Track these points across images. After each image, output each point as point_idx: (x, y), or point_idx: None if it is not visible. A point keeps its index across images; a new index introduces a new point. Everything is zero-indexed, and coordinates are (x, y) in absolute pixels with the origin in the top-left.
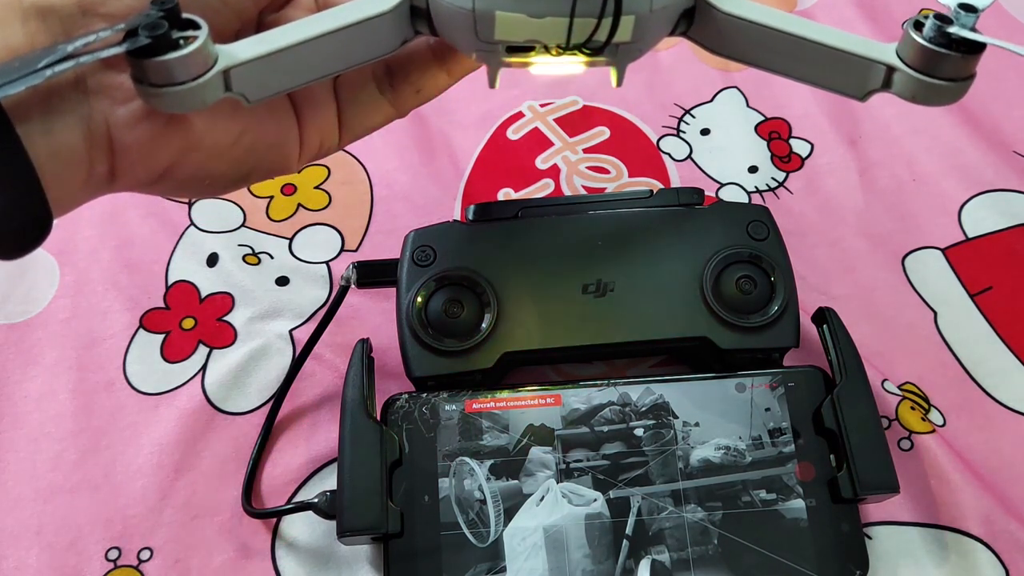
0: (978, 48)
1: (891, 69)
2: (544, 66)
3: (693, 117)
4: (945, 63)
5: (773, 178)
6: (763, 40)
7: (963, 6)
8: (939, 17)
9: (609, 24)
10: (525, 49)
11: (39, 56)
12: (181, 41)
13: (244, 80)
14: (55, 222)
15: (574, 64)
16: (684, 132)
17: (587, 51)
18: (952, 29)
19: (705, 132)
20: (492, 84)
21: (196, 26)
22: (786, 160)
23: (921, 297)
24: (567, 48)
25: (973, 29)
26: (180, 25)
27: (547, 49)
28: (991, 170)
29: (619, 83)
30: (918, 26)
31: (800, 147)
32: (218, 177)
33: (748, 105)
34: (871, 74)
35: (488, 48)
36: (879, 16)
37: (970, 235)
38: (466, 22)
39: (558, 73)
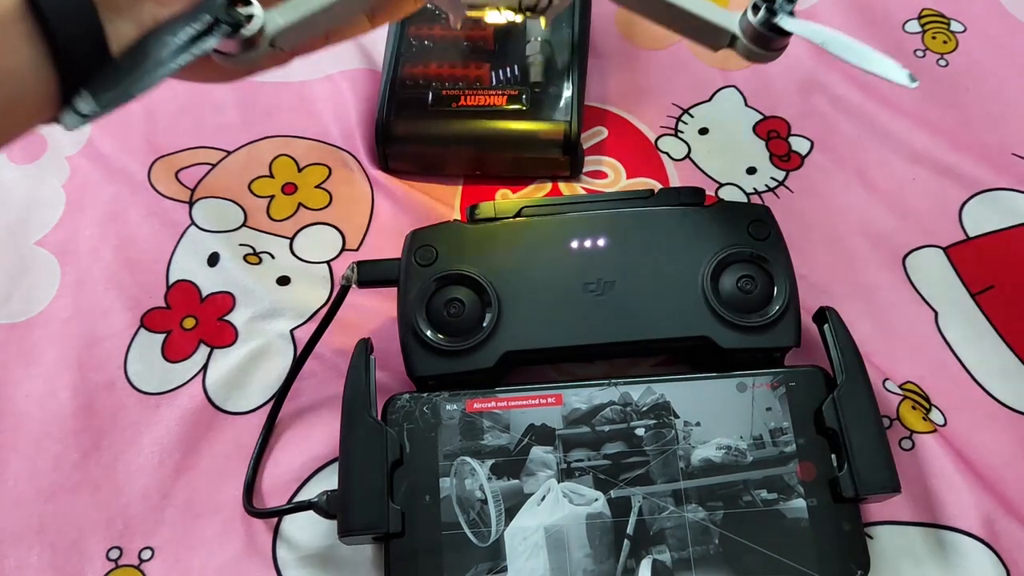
0: (788, 32)
1: (734, 36)
2: (494, 17)
3: (691, 117)
4: (766, 40)
5: (772, 177)
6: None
7: None
8: (770, 2)
9: None
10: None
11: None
12: (243, 20)
13: (281, 39)
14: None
15: (515, 15)
16: (682, 132)
17: (529, 12)
18: (777, 21)
19: (704, 132)
20: (456, 27)
21: (248, 2)
22: (785, 159)
23: (922, 296)
24: (517, 11)
25: (791, 14)
26: (236, 2)
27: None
28: (991, 170)
29: (547, 26)
30: (755, 8)
31: (800, 145)
32: None
33: (746, 104)
34: (721, 35)
35: (455, 4)
36: (878, 17)
37: (971, 234)
38: None
39: (505, 21)
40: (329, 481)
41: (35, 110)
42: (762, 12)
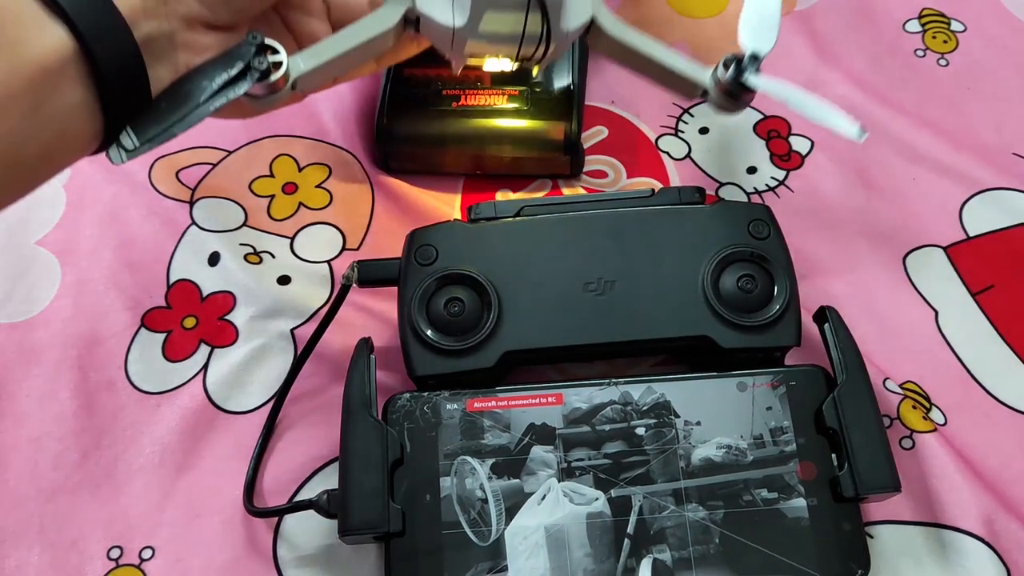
0: (754, 89)
1: (705, 89)
2: (492, 65)
3: (692, 116)
4: (734, 94)
5: (773, 177)
6: (626, 53)
7: (752, 57)
8: (739, 61)
9: (543, 49)
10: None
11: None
12: (271, 67)
13: (301, 82)
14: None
15: (510, 65)
16: (683, 131)
17: (523, 64)
18: (745, 79)
19: (704, 131)
20: (456, 72)
21: (275, 50)
22: (786, 158)
23: (922, 296)
24: (514, 60)
25: (757, 71)
26: (265, 50)
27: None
28: (992, 170)
29: (538, 74)
30: (726, 64)
31: (800, 145)
32: None
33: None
34: (695, 88)
35: (458, 55)
36: (878, 16)
37: (971, 234)
38: (446, 37)
39: (500, 69)
40: (329, 480)
41: (81, 146)
42: (731, 70)
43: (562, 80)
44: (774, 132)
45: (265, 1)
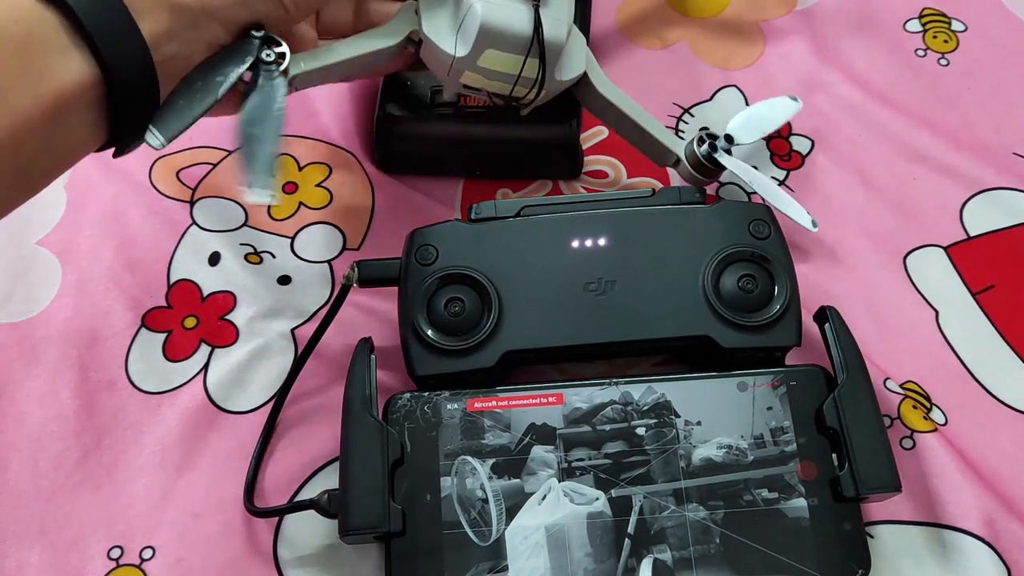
0: (723, 168)
1: (678, 159)
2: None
3: (692, 116)
4: (705, 168)
5: (774, 176)
6: (610, 111)
7: (727, 137)
8: (712, 139)
9: (535, 93)
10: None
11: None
12: (277, 59)
13: (300, 80)
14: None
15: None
16: (683, 131)
17: (513, 103)
18: (716, 155)
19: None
20: (446, 97)
21: (278, 43)
22: (786, 158)
23: (923, 296)
24: (497, 99)
25: (728, 152)
26: (270, 43)
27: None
28: (992, 170)
29: (527, 115)
30: (701, 141)
31: (800, 145)
32: None
33: (747, 103)
34: (668, 156)
35: (452, 83)
36: (879, 16)
37: (972, 233)
38: (445, 64)
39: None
40: (330, 480)
41: (85, 152)
42: (705, 146)
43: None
44: (774, 132)
45: (273, 21)
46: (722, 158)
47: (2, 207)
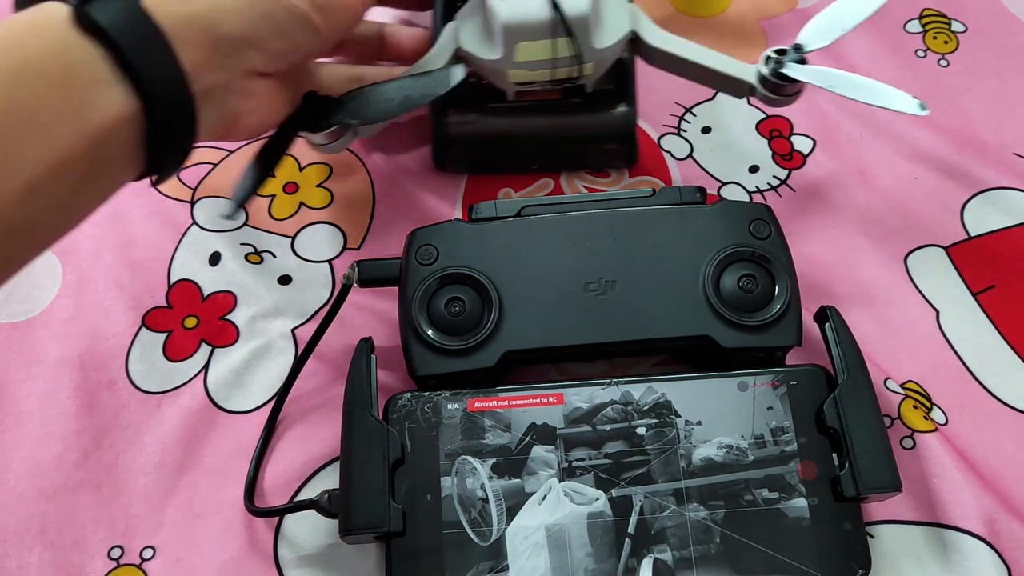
0: (798, 80)
1: (752, 86)
2: (543, 93)
3: (694, 115)
4: (778, 87)
5: (775, 176)
6: (673, 62)
7: (796, 47)
8: (780, 52)
9: (578, 69)
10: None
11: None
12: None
13: (363, 128)
14: None
15: (558, 91)
16: (685, 131)
17: (571, 84)
18: (783, 70)
19: (706, 130)
20: (510, 98)
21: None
22: (787, 158)
23: (923, 295)
24: (555, 85)
25: (803, 61)
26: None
27: (542, 84)
28: (993, 170)
29: (591, 90)
30: (767, 60)
31: (802, 144)
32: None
33: (749, 102)
34: (741, 87)
35: (506, 84)
36: (879, 16)
37: (972, 233)
38: (489, 69)
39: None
40: (330, 480)
41: (121, 183)
42: (771, 63)
43: (617, 70)
44: (776, 131)
45: (315, 55)
46: (792, 71)
47: (44, 241)
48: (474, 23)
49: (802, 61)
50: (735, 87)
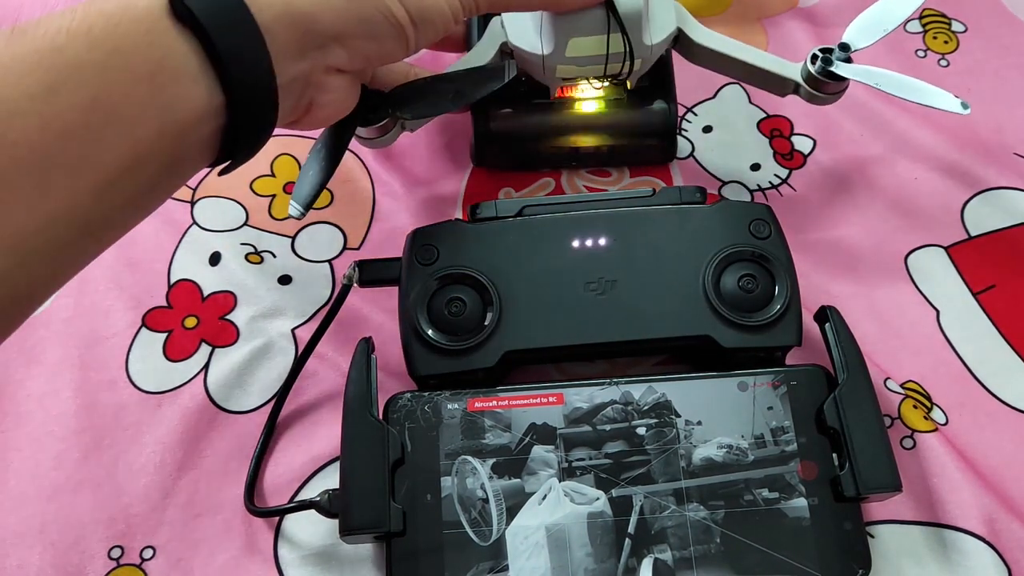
0: (844, 78)
1: (797, 84)
2: (585, 91)
3: (695, 115)
4: (824, 85)
5: (776, 175)
6: (717, 59)
7: (842, 46)
8: (825, 51)
9: (628, 65)
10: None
11: None
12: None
13: (411, 122)
14: None
15: (602, 87)
16: (686, 130)
17: (614, 81)
18: (832, 68)
19: (707, 129)
20: (552, 96)
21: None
22: (788, 157)
23: (924, 295)
24: (602, 79)
25: (848, 60)
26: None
27: (587, 80)
28: (993, 170)
29: (632, 87)
30: (814, 58)
31: (802, 144)
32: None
33: (750, 102)
34: (785, 85)
35: (551, 79)
36: None
37: (973, 233)
38: (538, 65)
39: (594, 96)
40: (330, 480)
41: (195, 171)
42: (819, 62)
43: (656, 65)
44: (777, 131)
45: (392, 57)
46: (840, 69)
47: (117, 231)
48: (524, 17)
49: (848, 60)
50: (779, 85)
